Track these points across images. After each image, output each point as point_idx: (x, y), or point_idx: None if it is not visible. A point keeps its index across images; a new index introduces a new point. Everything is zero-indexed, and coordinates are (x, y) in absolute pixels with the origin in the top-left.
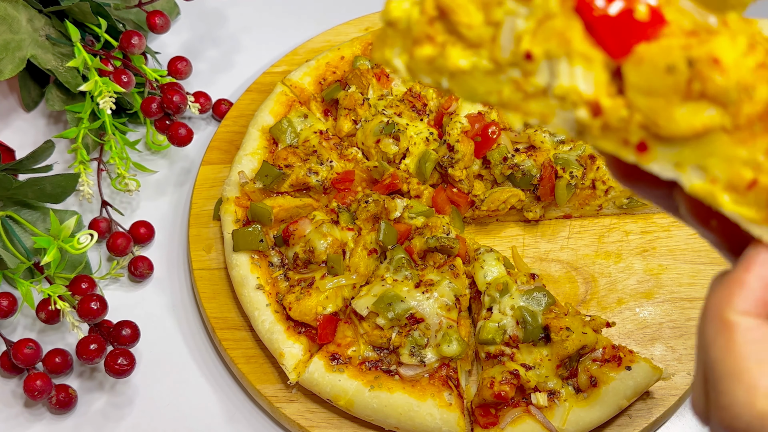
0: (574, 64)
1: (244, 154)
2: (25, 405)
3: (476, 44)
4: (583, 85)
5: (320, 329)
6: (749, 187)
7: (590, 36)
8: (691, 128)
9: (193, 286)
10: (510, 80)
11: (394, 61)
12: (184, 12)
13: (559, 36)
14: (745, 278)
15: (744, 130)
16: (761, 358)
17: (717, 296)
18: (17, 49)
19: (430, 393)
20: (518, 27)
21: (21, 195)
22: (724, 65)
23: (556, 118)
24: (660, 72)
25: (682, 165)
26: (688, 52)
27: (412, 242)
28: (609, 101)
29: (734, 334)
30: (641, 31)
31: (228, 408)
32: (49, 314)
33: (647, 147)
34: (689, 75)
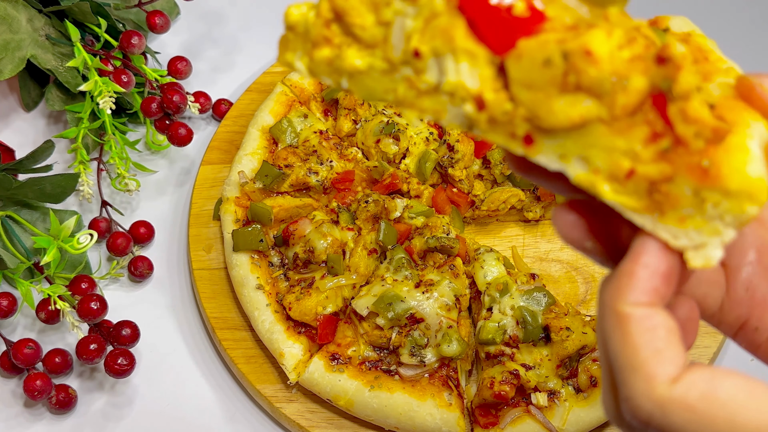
0: (460, 61)
1: (244, 154)
2: (24, 405)
3: (371, 44)
4: (469, 80)
5: (320, 329)
6: (628, 177)
7: (473, 33)
8: (569, 120)
9: (193, 286)
10: (403, 78)
11: (296, 63)
12: (184, 12)
13: (443, 34)
14: (633, 269)
15: (621, 120)
16: (657, 346)
17: (609, 291)
18: (17, 48)
19: (430, 393)
20: (407, 26)
21: (21, 195)
22: (597, 57)
23: (448, 113)
24: (538, 66)
25: (566, 156)
26: (562, 45)
27: (412, 242)
28: (492, 95)
29: (628, 325)
30: (521, 26)
31: (228, 408)
32: (49, 314)
33: (533, 139)
34: (565, 68)
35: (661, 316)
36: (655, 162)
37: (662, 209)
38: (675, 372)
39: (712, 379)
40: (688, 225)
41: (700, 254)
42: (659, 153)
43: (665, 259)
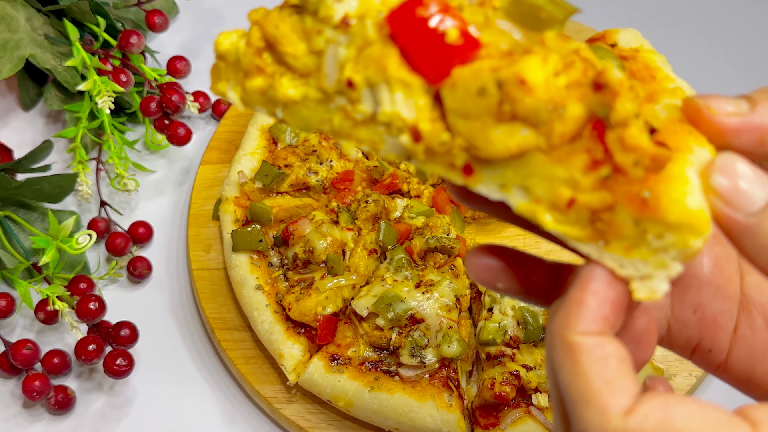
0: (394, 91)
1: (244, 153)
2: (23, 406)
3: (304, 74)
4: (405, 110)
5: (320, 330)
6: (569, 206)
7: (406, 62)
8: (507, 150)
9: (192, 287)
10: (339, 108)
11: (228, 93)
12: (183, 11)
13: (376, 63)
14: (582, 297)
15: (560, 148)
16: (608, 377)
17: (557, 320)
18: (15, 48)
19: (431, 394)
20: (340, 55)
21: (19, 195)
22: (532, 85)
23: (385, 144)
24: (472, 95)
25: (507, 186)
26: (496, 74)
27: (413, 242)
28: (428, 126)
29: (578, 356)
30: (455, 54)
31: (227, 409)
32: (47, 315)
33: (473, 170)
34: (499, 97)
35: (611, 345)
36: (595, 190)
37: (606, 238)
38: (628, 403)
39: (666, 408)
40: (634, 255)
41: (645, 285)
42: (599, 181)
43: (614, 286)
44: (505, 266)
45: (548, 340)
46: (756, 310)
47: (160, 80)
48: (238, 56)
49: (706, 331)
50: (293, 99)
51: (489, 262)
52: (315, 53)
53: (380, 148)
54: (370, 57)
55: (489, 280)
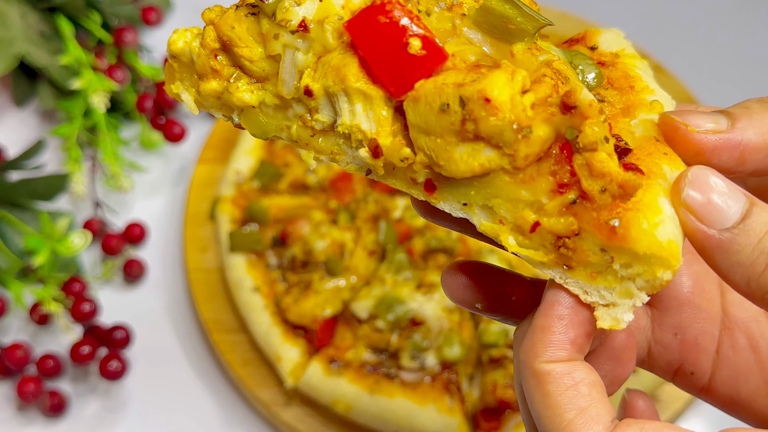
0: (354, 102)
1: (241, 152)
2: (17, 409)
3: (261, 78)
4: (365, 122)
5: (318, 332)
6: (532, 230)
7: (366, 73)
8: (470, 169)
9: (189, 288)
10: (297, 116)
11: (182, 95)
12: (179, 7)
13: (335, 72)
14: (546, 323)
15: (524, 170)
16: (580, 405)
17: (523, 349)
18: (9, 45)
19: (431, 397)
20: (299, 61)
21: (12, 194)
22: (497, 104)
23: (344, 156)
24: (435, 112)
25: (470, 205)
26: (460, 90)
27: (413, 243)
28: (389, 141)
29: (548, 385)
30: (418, 66)
31: (224, 412)
32: (42, 316)
33: (435, 186)
34: (462, 115)
35: (581, 371)
36: (561, 215)
37: (570, 264)
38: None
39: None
40: (599, 282)
41: (609, 314)
42: (566, 206)
43: (580, 310)
44: (483, 285)
45: (517, 368)
46: (738, 329)
47: (155, 78)
48: (192, 57)
49: (687, 354)
50: (249, 104)
51: (465, 282)
52: (272, 58)
53: (340, 160)
54: (329, 65)
55: (467, 301)
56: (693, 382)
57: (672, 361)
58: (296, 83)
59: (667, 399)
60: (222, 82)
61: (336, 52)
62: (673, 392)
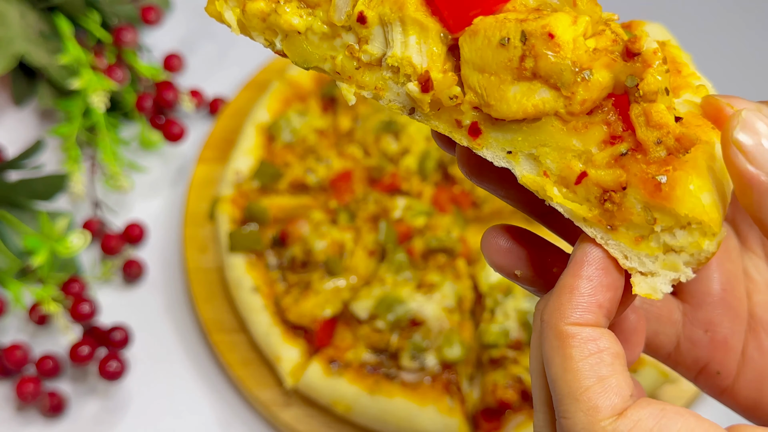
0: (409, 33)
1: (241, 152)
2: (16, 409)
3: (313, 2)
4: (417, 56)
5: (318, 332)
6: (578, 181)
7: (426, 3)
8: (523, 110)
9: (188, 288)
10: (344, 46)
11: (225, 14)
12: (179, 7)
13: (393, 0)
14: (575, 283)
15: (578, 117)
16: (601, 373)
17: (549, 308)
18: (8, 45)
19: (431, 398)
20: None
21: (11, 194)
22: (560, 42)
23: (389, 92)
24: (493, 46)
25: (515, 154)
26: (523, 25)
27: (413, 243)
28: (440, 75)
29: (570, 349)
30: (481, 3)
31: (224, 413)
32: (41, 316)
33: (480, 131)
34: (522, 51)
35: (606, 340)
36: (609, 167)
37: (613, 222)
38: (620, 404)
39: (661, 419)
40: (642, 248)
41: (647, 282)
42: (615, 158)
43: (610, 272)
44: (526, 252)
45: (538, 329)
46: (764, 331)
47: (155, 77)
48: None
49: (715, 352)
50: (296, 29)
51: (508, 245)
52: None
53: (383, 96)
54: None
55: (506, 266)
56: (717, 383)
57: (699, 358)
58: (349, 10)
59: (668, 399)
60: (270, 3)
61: None
62: (674, 392)
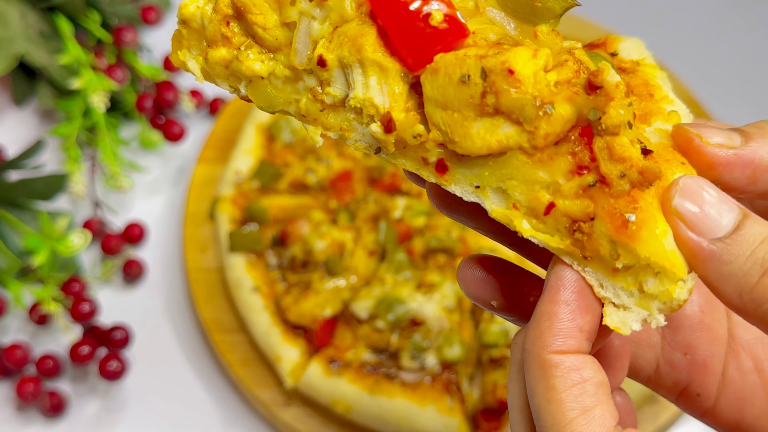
0: (369, 75)
1: (241, 152)
2: (17, 409)
3: (273, 48)
4: (378, 97)
5: (318, 332)
6: (547, 212)
7: (385, 44)
8: (487, 146)
9: (188, 288)
10: (306, 89)
11: (189, 63)
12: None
13: (352, 42)
14: (553, 309)
15: (543, 150)
16: (585, 404)
17: (530, 337)
18: (9, 45)
19: (431, 398)
20: (314, 30)
21: (11, 194)
22: (520, 77)
23: (354, 132)
24: (454, 83)
25: (483, 188)
26: (482, 61)
27: (413, 243)
28: (403, 115)
29: (554, 379)
30: (439, 40)
31: (224, 413)
32: (41, 316)
33: (447, 167)
34: (483, 87)
35: (590, 368)
36: (577, 197)
37: (585, 252)
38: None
39: None
40: (619, 280)
41: (618, 315)
42: (583, 188)
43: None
44: (500, 282)
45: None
46: (744, 351)
47: (155, 77)
48: (204, 23)
49: (695, 375)
50: (259, 74)
51: (482, 276)
52: (287, 26)
53: (348, 137)
54: (346, 35)
55: (482, 297)
56: (698, 404)
57: (679, 381)
58: (309, 53)
59: (664, 402)
60: (232, 50)
61: (354, 22)
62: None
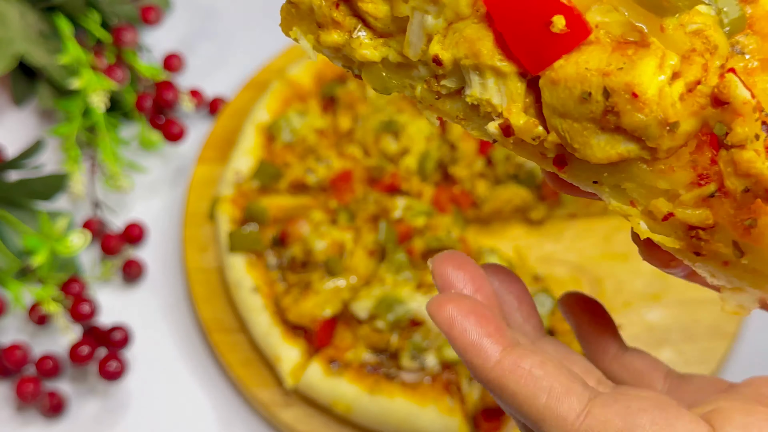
0: (486, 77)
1: (241, 152)
2: (16, 409)
3: (385, 34)
4: (496, 97)
5: (318, 332)
6: (665, 219)
7: (501, 48)
8: (607, 157)
9: (188, 288)
10: (421, 78)
11: (300, 41)
12: (179, 7)
13: (468, 45)
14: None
15: (664, 162)
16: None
17: (469, 363)
18: (8, 45)
19: (431, 398)
20: (428, 24)
21: (11, 194)
22: (644, 100)
23: (471, 122)
24: (574, 98)
25: (601, 184)
26: (605, 80)
27: (413, 243)
28: (520, 120)
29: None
30: (560, 44)
31: (224, 413)
32: (40, 316)
33: (566, 162)
34: (605, 106)
35: (527, 357)
36: (696, 207)
37: (700, 252)
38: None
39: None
40: (730, 272)
41: (735, 298)
42: (703, 198)
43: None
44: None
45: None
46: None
47: (154, 77)
48: (312, 6)
49: None
50: (371, 60)
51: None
52: (399, 18)
53: (465, 125)
54: (462, 35)
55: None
56: None
57: None
58: (423, 47)
59: None
60: (343, 35)
61: (469, 20)
62: None
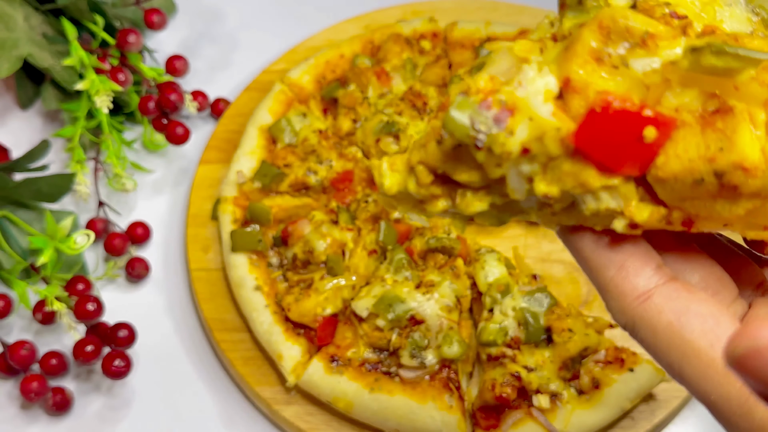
0: (598, 196)
1: (243, 153)
2: (21, 407)
3: (486, 186)
4: (612, 202)
5: (319, 331)
6: None
7: (604, 171)
8: (735, 216)
9: (191, 287)
10: (532, 208)
11: (411, 218)
12: (182, 9)
13: (573, 178)
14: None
15: None
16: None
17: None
18: (13, 47)
19: (431, 395)
20: (525, 171)
21: (17, 195)
22: (754, 168)
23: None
24: (688, 186)
25: (732, 224)
26: (713, 165)
27: (413, 242)
28: (645, 215)
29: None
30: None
31: (226, 410)
32: (45, 315)
33: (693, 222)
34: (719, 184)
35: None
36: None
37: None
38: (644, 285)
39: (682, 316)
40: None
41: None
42: None
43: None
44: None
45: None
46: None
47: (158, 79)
48: (408, 192)
49: None
50: (481, 210)
51: None
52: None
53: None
54: (561, 170)
55: None
56: None
57: None
58: (527, 186)
59: (664, 398)
60: (447, 200)
61: (562, 159)
62: (671, 390)
